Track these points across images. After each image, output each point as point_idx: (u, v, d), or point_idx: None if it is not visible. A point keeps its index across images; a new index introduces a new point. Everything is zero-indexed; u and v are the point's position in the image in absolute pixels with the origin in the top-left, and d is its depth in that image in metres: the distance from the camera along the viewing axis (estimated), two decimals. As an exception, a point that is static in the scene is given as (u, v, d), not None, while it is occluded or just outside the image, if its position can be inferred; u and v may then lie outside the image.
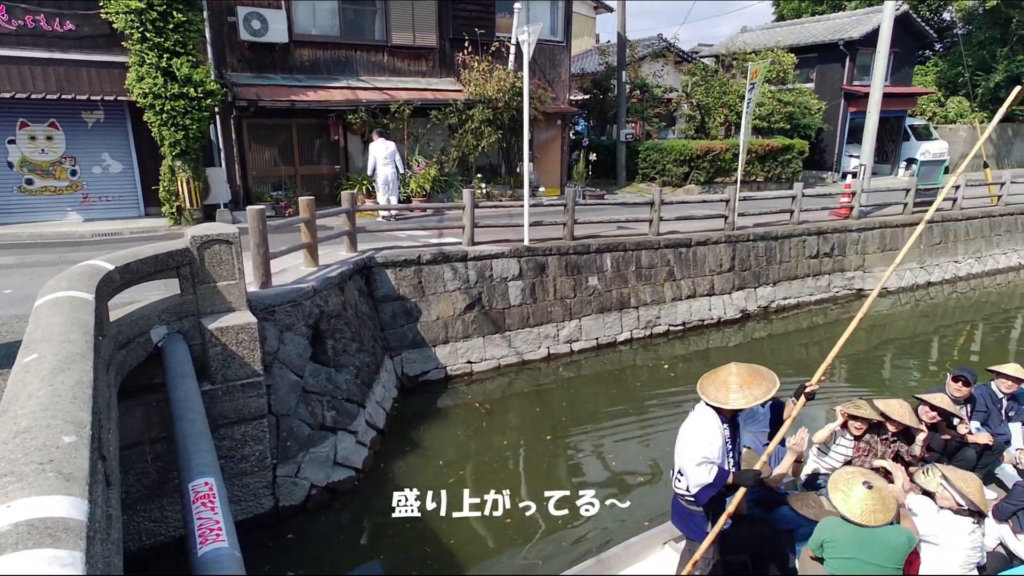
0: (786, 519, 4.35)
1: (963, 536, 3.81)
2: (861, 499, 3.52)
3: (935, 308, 12.74)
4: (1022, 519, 4.38)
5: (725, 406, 3.57)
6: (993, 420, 5.52)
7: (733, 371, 3.67)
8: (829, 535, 3.61)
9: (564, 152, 16.54)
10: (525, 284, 9.53)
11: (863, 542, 3.48)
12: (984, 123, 23.26)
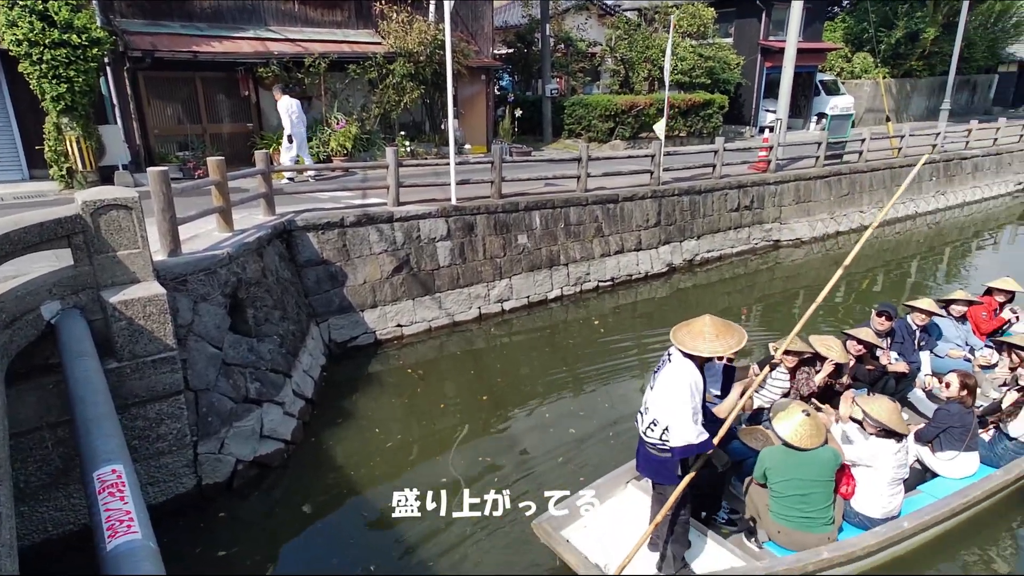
0: (737, 451, 4.76)
1: (889, 456, 4.26)
2: (799, 425, 4.09)
3: (843, 255, 13.46)
4: (943, 440, 4.94)
5: (702, 354, 3.71)
6: (907, 350, 6.04)
7: (707, 322, 3.81)
8: (770, 463, 4.16)
9: (489, 108, 16.19)
10: (454, 244, 9.35)
11: (800, 463, 4.06)
12: (887, 78, 24.48)
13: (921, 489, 4.85)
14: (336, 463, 5.96)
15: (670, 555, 4.04)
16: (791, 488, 4.07)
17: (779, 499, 4.13)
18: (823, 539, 4.10)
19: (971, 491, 4.66)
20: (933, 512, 4.43)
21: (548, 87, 17.81)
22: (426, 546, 4.83)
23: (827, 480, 4.08)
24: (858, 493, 4.38)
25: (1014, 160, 19.71)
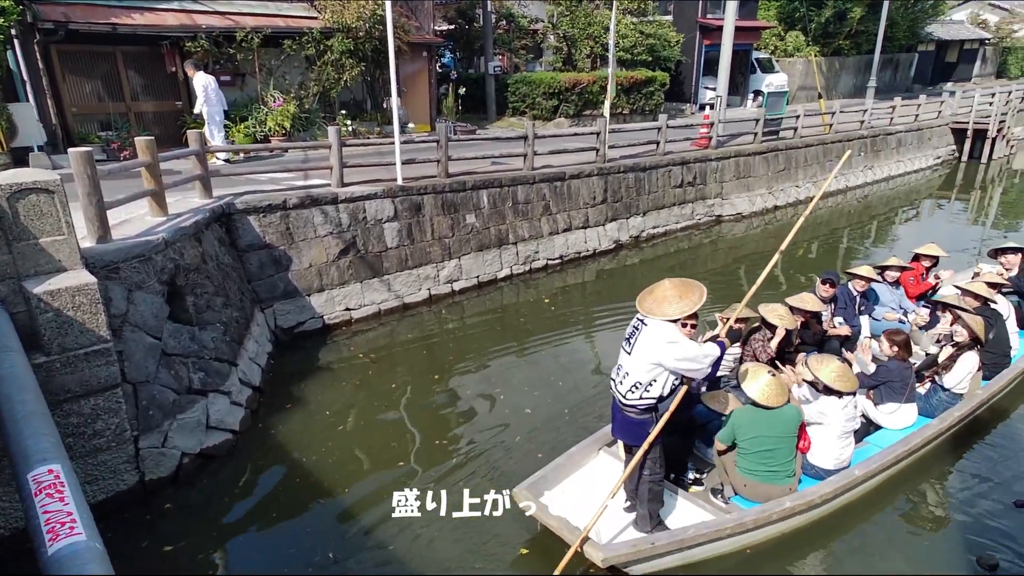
0: (702, 415, 5.03)
1: (838, 411, 4.60)
2: (766, 385, 4.38)
3: (780, 229, 13.98)
4: (883, 392, 5.33)
5: (671, 317, 3.87)
6: (849, 314, 6.46)
7: (668, 286, 4.01)
8: (739, 422, 4.44)
9: (432, 86, 15.89)
10: (401, 225, 9.18)
11: (768, 421, 4.36)
12: (817, 56, 25.33)
13: (868, 441, 5.24)
14: (287, 451, 5.81)
15: (646, 513, 4.24)
16: (758, 445, 4.36)
17: (746, 455, 4.43)
18: (785, 490, 4.42)
19: (911, 440, 5.07)
20: (879, 461, 4.82)
21: (491, 64, 17.61)
22: (383, 528, 4.79)
23: (791, 436, 4.41)
24: (812, 447, 4.71)
25: (933, 135, 20.81)
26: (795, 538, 4.60)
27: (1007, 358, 6.17)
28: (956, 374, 5.54)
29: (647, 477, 4.16)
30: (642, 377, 3.94)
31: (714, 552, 4.32)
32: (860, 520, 4.87)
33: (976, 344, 5.59)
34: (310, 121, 12.71)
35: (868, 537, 4.79)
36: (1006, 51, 37.59)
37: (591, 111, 18.12)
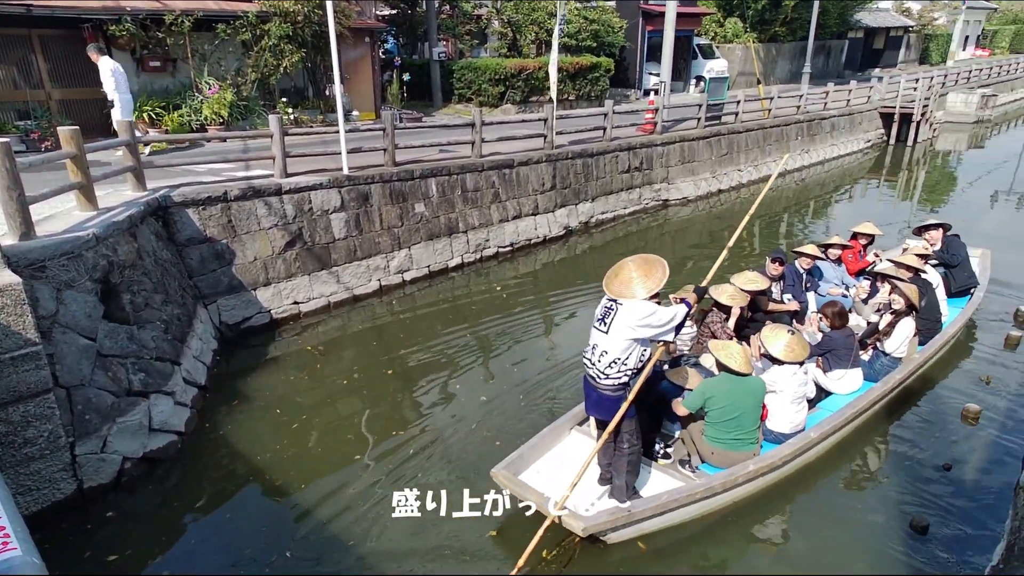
0: (665, 390, 5.21)
1: (789, 378, 4.93)
2: (739, 353, 4.65)
3: (725, 212, 14.37)
4: (830, 360, 5.73)
5: (640, 298, 4.02)
6: (797, 291, 6.83)
7: (631, 267, 4.14)
8: (710, 392, 4.64)
9: (376, 72, 15.55)
10: (349, 215, 8.98)
11: (740, 391, 4.61)
12: (755, 43, 26.00)
13: (820, 406, 5.58)
14: (237, 450, 5.63)
15: (623, 484, 4.38)
16: (727, 414, 4.60)
17: (714, 425, 4.67)
18: (749, 455, 4.70)
19: (858, 403, 5.45)
20: (831, 423, 5.16)
21: (435, 50, 17.36)
22: (342, 524, 4.71)
23: (758, 404, 4.70)
24: (770, 414, 5.02)
25: (863, 120, 21.73)
26: (759, 501, 4.88)
27: (939, 324, 6.66)
28: (895, 339, 5.95)
29: (626, 450, 4.33)
30: (620, 353, 4.09)
31: (687, 516, 4.58)
32: (814, 482, 5.19)
33: (912, 311, 6.02)
34: (249, 109, 12.26)
35: (820, 499, 5.08)
36: (928, 38, 39.49)
37: (538, 97, 18.12)
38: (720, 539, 4.66)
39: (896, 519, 4.75)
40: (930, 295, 6.54)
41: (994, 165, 18.93)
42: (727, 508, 4.77)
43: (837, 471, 5.37)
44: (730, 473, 4.58)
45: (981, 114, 25.40)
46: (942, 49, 39.81)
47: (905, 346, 5.96)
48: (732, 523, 4.74)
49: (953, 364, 7.06)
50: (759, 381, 4.76)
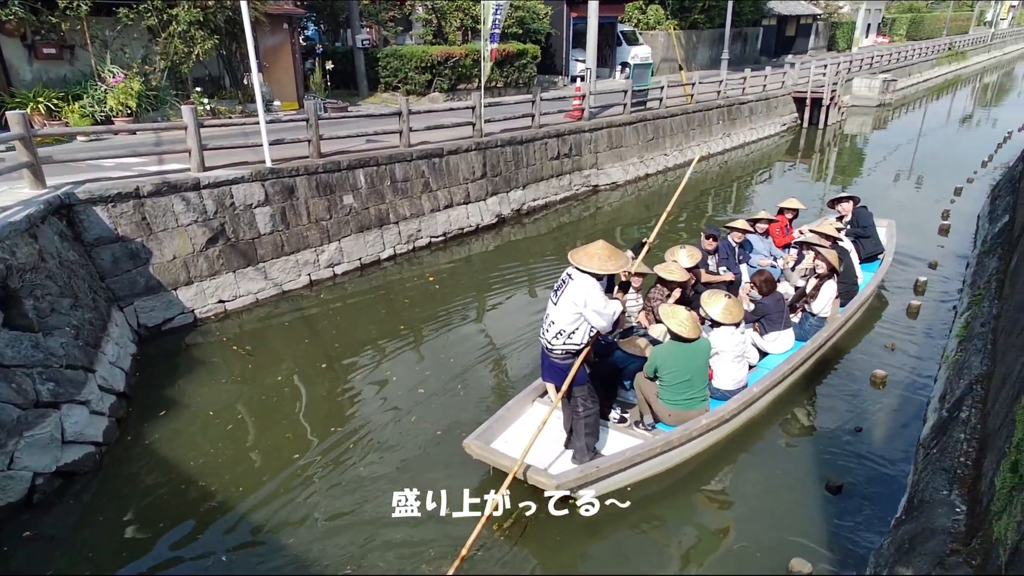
0: (619, 359, 5.57)
1: (728, 339, 5.35)
2: (687, 319, 4.95)
3: (653, 195, 14.74)
4: (765, 324, 6.21)
5: (596, 271, 4.32)
6: (731, 263, 7.33)
7: (600, 246, 4.46)
8: (662, 358, 4.98)
9: (297, 60, 15.01)
10: (274, 209, 8.68)
11: (688, 354, 4.94)
12: (676, 30, 26.68)
13: (760, 366, 6.04)
14: (163, 457, 5.38)
15: (583, 446, 4.71)
16: (679, 377, 4.95)
17: (668, 388, 5.00)
18: (701, 412, 5.09)
19: (792, 360, 5.96)
20: (770, 379, 5.62)
21: (359, 37, 16.91)
22: (281, 526, 4.59)
23: (705, 366, 5.09)
24: (715, 374, 5.42)
25: (779, 104, 22.71)
26: (709, 456, 5.28)
27: (855, 286, 7.30)
28: (821, 301, 6.51)
29: (582, 413, 4.65)
30: (566, 326, 4.41)
31: (649, 471, 4.92)
32: (754, 437, 5.64)
33: (833, 274, 6.56)
34: (160, 100, 11.61)
35: (757, 458, 5.45)
36: (834, 26, 41.58)
37: (466, 85, 17.99)
38: (676, 493, 5.00)
39: (813, 481, 5.04)
40: (847, 260, 7.10)
41: (896, 146, 20.22)
42: (683, 464, 5.12)
43: (771, 428, 5.79)
44: (685, 428, 4.92)
45: (883, 98, 27.01)
46: (847, 36, 42.03)
47: (829, 307, 6.54)
48: (686, 478, 5.08)
49: (863, 332, 7.54)
50: (705, 342, 5.13)
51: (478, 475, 4.99)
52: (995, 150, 17.45)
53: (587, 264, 4.33)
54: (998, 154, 16.97)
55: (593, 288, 4.32)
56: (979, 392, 4.82)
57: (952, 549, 3.12)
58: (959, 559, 2.97)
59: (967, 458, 3.99)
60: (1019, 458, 2.89)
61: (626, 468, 4.71)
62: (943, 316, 7.87)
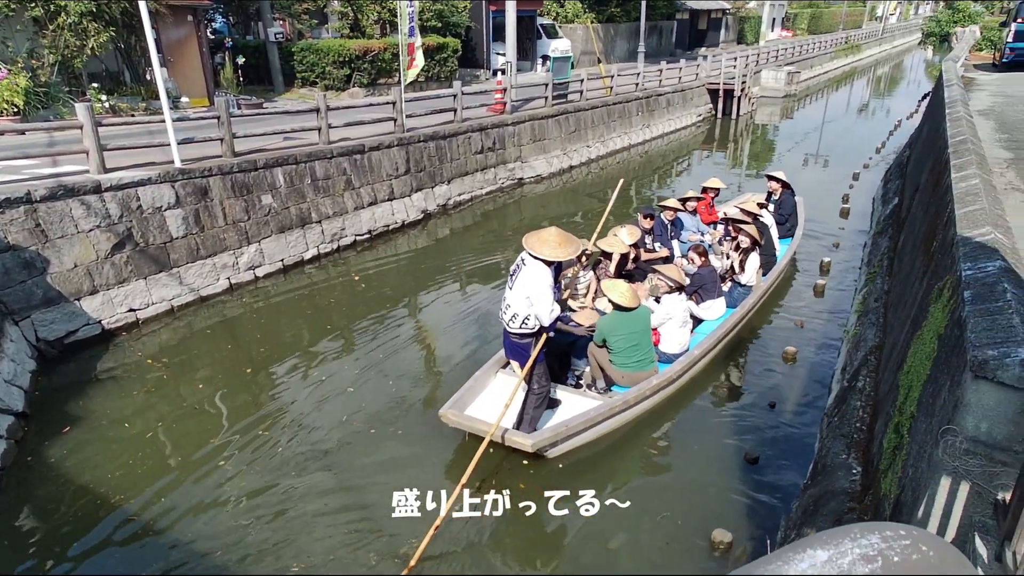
0: (570, 333, 5.94)
1: (677, 305, 5.98)
2: (626, 291, 5.43)
3: (578, 186, 15.03)
4: (701, 294, 6.77)
5: (548, 258, 4.53)
6: (665, 240, 7.94)
7: (553, 232, 4.69)
8: (608, 327, 5.45)
9: (204, 55, 14.33)
10: (186, 212, 8.29)
11: (629, 321, 5.41)
12: (594, 23, 27.20)
13: (697, 332, 6.60)
14: (70, 478, 5.07)
15: (531, 417, 5.11)
16: (627, 342, 5.40)
17: (618, 353, 5.44)
18: (651, 373, 5.57)
19: (725, 325, 6.60)
20: (708, 342, 6.20)
21: (271, 31, 16.31)
22: (212, 534, 4.43)
23: (647, 330, 5.58)
24: (663, 339, 5.99)
25: (694, 95, 23.57)
26: (659, 412, 5.82)
27: (774, 258, 8.01)
28: (747, 271, 7.18)
29: (536, 390, 5.04)
30: (520, 310, 4.67)
31: (608, 429, 5.42)
32: (694, 398, 6.21)
33: (756, 246, 7.23)
34: (51, 97, 10.83)
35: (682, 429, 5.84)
36: (742, 20, 43.49)
37: (386, 80, 17.71)
38: (630, 449, 5.51)
39: (733, 453, 5.34)
40: (767, 234, 7.78)
41: (804, 133, 21.43)
42: (635, 422, 5.63)
43: (700, 398, 6.28)
44: (640, 387, 5.42)
45: (789, 89, 28.51)
46: (755, 30, 44.02)
47: (754, 276, 7.23)
48: (637, 435, 5.61)
49: (775, 311, 8.00)
50: (644, 310, 5.66)
51: (419, 472, 5.00)
52: (887, 137, 18.77)
53: (539, 250, 4.52)
54: (890, 141, 18.28)
55: (542, 277, 4.53)
56: (873, 362, 5.22)
57: (849, 508, 3.39)
58: (854, 516, 3.24)
59: (862, 423, 4.33)
60: (901, 420, 3.17)
61: (590, 427, 5.19)
62: (845, 293, 8.44)
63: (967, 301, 2.82)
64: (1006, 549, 1.99)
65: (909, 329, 4.14)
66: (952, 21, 44.60)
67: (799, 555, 0.89)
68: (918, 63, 47.32)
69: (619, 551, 4.41)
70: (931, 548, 0.96)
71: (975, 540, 2.12)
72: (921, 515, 2.45)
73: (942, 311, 3.28)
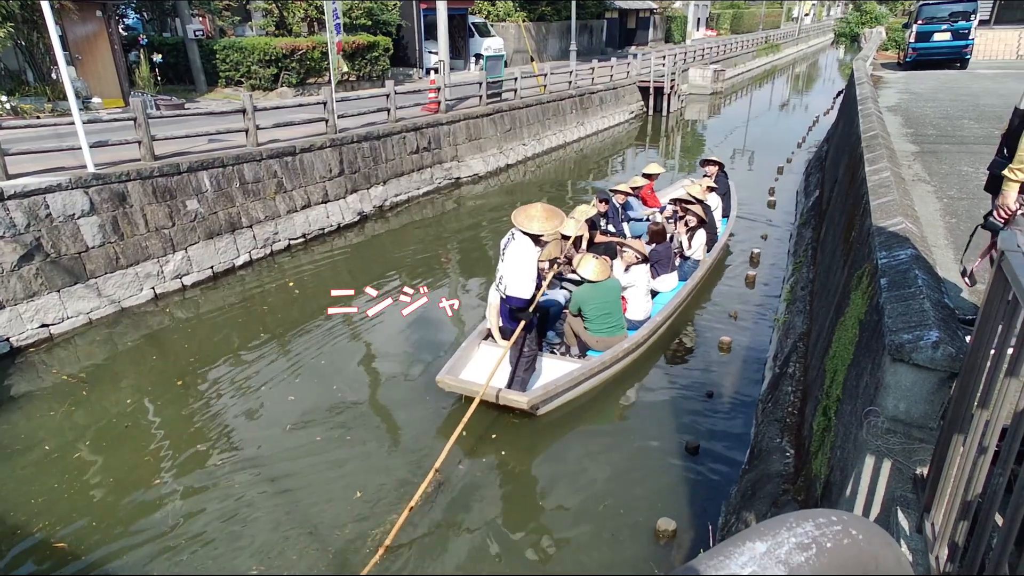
0: (548, 302, 6.36)
1: (642, 275, 6.65)
2: (596, 265, 5.96)
3: (515, 185, 15.07)
4: (657, 268, 7.37)
5: (534, 232, 4.96)
6: (617, 222, 8.51)
7: (539, 208, 5.07)
8: (582, 298, 6.01)
9: (116, 52, 13.55)
10: (103, 219, 7.83)
11: (600, 290, 5.97)
12: (526, 21, 27.36)
13: (655, 302, 7.14)
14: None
15: (523, 379, 5.61)
16: (600, 311, 5.98)
17: (592, 321, 6.02)
18: (622, 338, 6.15)
19: (679, 295, 7.31)
20: (667, 310, 6.95)
21: (190, 27, 15.60)
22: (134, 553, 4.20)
23: (618, 299, 6.15)
24: (629, 308, 6.52)
25: (626, 93, 24.09)
26: (626, 374, 6.39)
27: (716, 235, 8.67)
28: (694, 246, 7.99)
29: (526, 352, 5.53)
30: (508, 278, 5.10)
31: (588, 388, 6.01)
32: (636, 390, 6.48)
33: (702, 224, 7.99)
34: (-54, 99, 10.01)
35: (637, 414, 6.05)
36: (669, 19, 44.76)
37: (316, 79, 17.27)
38: (604, 404, 6.12)
39: (675, 443, 5.47)
40: (710, 214, 8.47)
41: (731, 129, 22.23)
42: (608, 382, 6.21)
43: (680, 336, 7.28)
44: (612, 351, 5.98)
45: (715, 87, 29.53)
46: (681, 30, 45.40)
47: (700, 252, 8.01)
48: (608, 394, 6.22)
49: (710, 303, 8.26)
50: (614, 281, 6.21)
51: (366, 476, 4.89)
52: (807, 132, 19.71)
53: (527, 226, 4.90)
54: (809, 136, 19.20)
55: (527, 251, 4.99)
56: (801, 348, 5.47)
57: (784, 490, 3.53)
58: (788, 498, 3.38)
59: (793, 408, 4.53)
60: (828, 403, 3.33)
61: (574, 386, 5.80)
62: (775, 283, 8.81)
63: (883, 288, 2.98)
64: (925, 521, 2.12)
65: (833, 316, 4.35)
66: (860, 22, 47.26)
67: (739, 548, 0.91)
68: (832, 62, 49.94)
69: (563, 543, 4.44)
70: (860, 531, 1.00)
71: (898, 514, 2.24)
72: (849, 494, 2.57)
73: (862, 297, 3.46)
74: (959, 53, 17.09)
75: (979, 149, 7.70)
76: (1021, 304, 1.59)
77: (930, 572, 1.95)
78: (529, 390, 5.55)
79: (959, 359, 2.33)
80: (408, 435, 5.61)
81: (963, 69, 17.18)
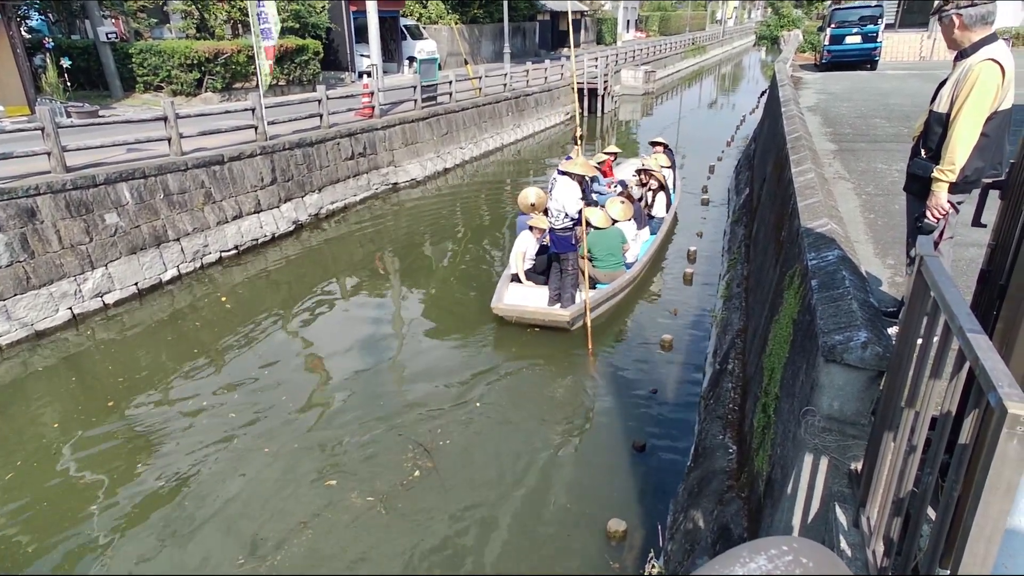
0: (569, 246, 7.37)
1: (631, 227, 8.45)
2: (602, 215, 7.75)
3: (455, 189, 14.97)
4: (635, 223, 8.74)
5: (581, 172, 7.18)
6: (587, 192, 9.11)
7: (576, 158, 7.33)
8: (590, 242, 7.57)
9: (19, 56, 12.67)
10: (9, 237, 7.31)
11: (605, 236, 7.68)
12: (458, 24, 27.25)
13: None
14: None
15: (571, 295, 7.25)
16: (604, 251, 7.68)
17: (599, 260, 7.70)
18: (622, 272, 7.86)
19: (654, 244, 9.14)
20: (648, 253, 8.75)
21: (102, 30, 14.73)
22: None
23: (621, 243, 7.85)
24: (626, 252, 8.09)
25: (561, 94, 24.34)
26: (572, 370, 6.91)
27: (671, 198, 10.50)
28: (658, 206, 10.06)
29: (571, 271, 7.21)
30: (562, 207, 7.00)
31: (604, 310, 7.67)
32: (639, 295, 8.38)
33: (662, 188, 10.07)
34: None
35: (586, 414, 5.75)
36: (600, 22, 45.57)
37: (243, 84, 16.66)
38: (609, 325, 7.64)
39: (621, 442, 5.55)
40: (667, 182, 10.36)
41: (663, 128, 22.78)
42: (614, 308, 7.89)
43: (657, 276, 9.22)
44: (617, 282, 7.70)
45: (647, 87, 30.26)
46: (612, 32, 46.31)
47: (663, 210, 10.03)
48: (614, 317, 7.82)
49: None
50: (616, 229, 7.86)
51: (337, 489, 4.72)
52: (735, 131, 20.45)
53: (570, 167, 7.06)
54: (737, 134, 19.92)
55: (571, 186, 7.03)
56: (739, 345, 5.65)
57: (728, 486, 3.63)
58: (733, 495, 3.47)
59: (734, 404, 4.67)
60: (767, 401, 3.45)
61: (598, 307, 7.36)
62: (712, 280, 9.07)
63: (815, 289, 3.11)
64: (861, 515, 2.20)
65: (768, 313, 4.51)
66: (780, 25, 49.52)
67: (694, 587, 0.90)
68: (755, 63, 52.05)
69: (511, 542, 4.42)
70: (811, 559, 1.01)
71: (836, 510, 2.33)
72: (790, 491, 2.66)
73: (795, 297, 3.60)
74: (869, 55, 18.09)
75: (891, 147, 8.16)
76: (940, 305, 1.67)
77: (867, 566, 2.03)
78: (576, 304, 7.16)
79: (886, 358, 2.45)
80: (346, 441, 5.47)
81: (873, 70, 18.20)
